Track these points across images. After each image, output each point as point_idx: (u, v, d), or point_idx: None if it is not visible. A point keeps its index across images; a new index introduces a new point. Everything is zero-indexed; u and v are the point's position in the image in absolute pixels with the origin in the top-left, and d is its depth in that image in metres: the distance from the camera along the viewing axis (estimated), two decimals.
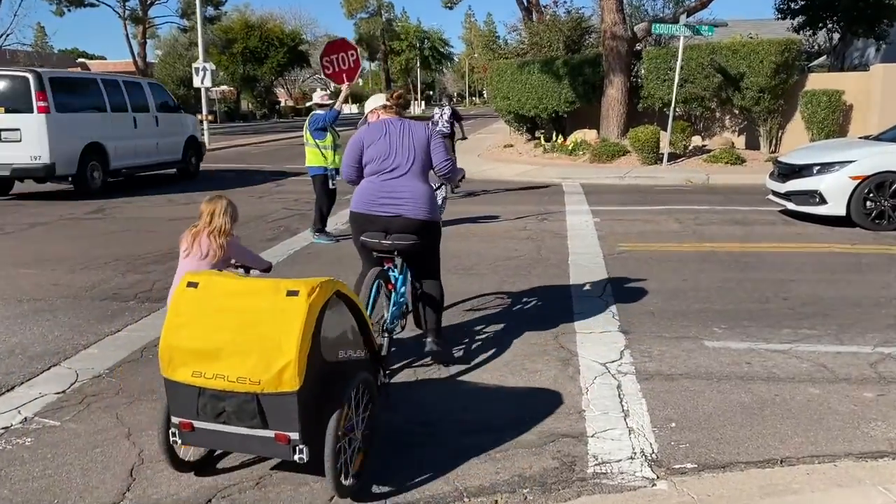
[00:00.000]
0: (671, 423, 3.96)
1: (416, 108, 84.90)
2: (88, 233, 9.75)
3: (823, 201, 9.14)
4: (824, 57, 23.66)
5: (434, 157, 4.78)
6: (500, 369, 4.75)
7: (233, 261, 4.39)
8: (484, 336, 5.40)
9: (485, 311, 6.04)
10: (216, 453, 3.60)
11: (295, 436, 3.04)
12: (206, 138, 27.22)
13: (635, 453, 3.62)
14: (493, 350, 5.10)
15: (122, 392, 4.45)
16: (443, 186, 5.61)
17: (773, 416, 4.03)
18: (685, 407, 4.16)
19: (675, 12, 19.03)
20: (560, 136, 21.04)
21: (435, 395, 4.40)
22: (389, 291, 4.70)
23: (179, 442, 3.25)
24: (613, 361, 4.86)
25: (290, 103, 79.38)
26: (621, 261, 7.69)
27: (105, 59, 75.76)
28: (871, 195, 8.94)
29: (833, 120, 16.82)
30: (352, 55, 9.74)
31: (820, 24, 19.47)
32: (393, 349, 4.67)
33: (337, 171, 8.96)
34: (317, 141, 8.76)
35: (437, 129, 13.71)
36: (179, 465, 3.44)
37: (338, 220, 9.96)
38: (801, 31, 20.04)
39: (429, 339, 4.81)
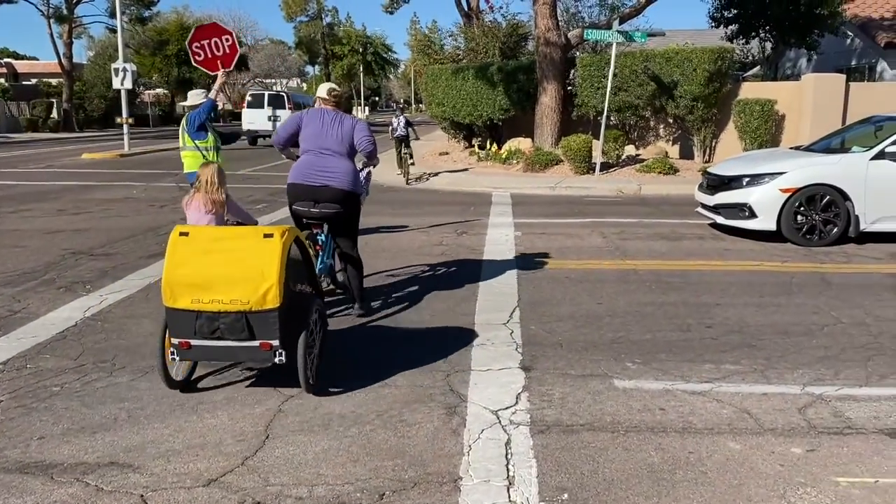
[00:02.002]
0: (563, 495, 3.24)
1: (360, 113, 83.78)
2: None
3: (753, 215, 8.64)
4: (758, 67, 23.62)
5: (356, 138, 5.68)
6: (372, 422, 3.97)
7: (227, 218, 5.24)
8: (362, 377, 4.61)
9: (371, 344, 5.26)
10: (193, 377, 4.54)
11: (276, 343, 4.05)
12: (125, 142, 25.93)
13: None
14: (369, 395, 4.32)
15: None
16: (368, 172, 6.54)
17: (685, 483, 3.35)
18: (583, 471, 3.45)
19: (609, 18, 18.60)
20: (495, 145, 20.45)
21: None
22: (317, 252, 5.73)
23: (178, 359, 4.20)
24: (507, 408, 4.13)
25: (229, 107, 77.40)
26: (536, 281, 7.00)
27: (37, 59, 72.52)
28: (802, 209, 8.47)
29: (766, 129, 16.58)
30: (227, 40, 8.81)
31: (753, 34, 19.27)
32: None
33: None
34: (196, 142, 7.79)
35: (397, 134, 17.03)
36: (171, 383, 4.32)
37: None
38: (735, 41, 19.84)
39: (356, 307, 5.91)
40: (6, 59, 67.24)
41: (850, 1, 19.24)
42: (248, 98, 32.78)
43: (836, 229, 8.46)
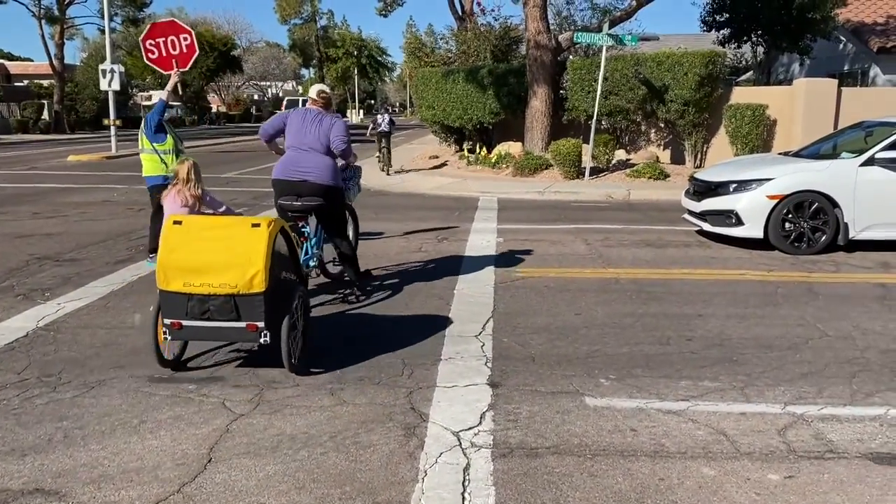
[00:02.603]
0: None
1: (355, 116, 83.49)
2: None
3: (740, 222, 8.42)
4: (752, 72, 23.46)
5: (331, 137, 6.05)
6: (324, 444, 3.72)
7: (205, 212, 5.54)
8: (318, 391, 4.36)
9: (331, 354, 5.01)
10: (183, 357, 4.81)
11: (261, 324, 4.33)
12: (113, 144, 25.63)
13: None
14: (325, 414, 4.08)
15: None
16: (355, 171, 6.85)
17: None
18: (544, 500, 3.21)
19: (600, 21, 18.41)
20: (485, 149, 20.23)
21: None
22: (302, 243, 6.11)
23: (169, 339, 4.46)
24: (470, 429, 3.89)
25: (224, 109, 77.08)
26: (514, 290, 6.77)
27: (32, 60, 72.11)
28: (790, 216, 8.25)
29: (757, 134, 16.38)
30: (185, 39, 8.54)
31: (745, 38, 19.09)
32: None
33: None
34: (154, 145, 7.53)
35: (381, 129, 18.68)
36: (163, 362, 4.61)
37: None
38: (727, 45, 19.66)
39: (348, 291, 6.50)
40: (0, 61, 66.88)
41: (842, 6, 19.05)
42: (285, 102, 42.82)
43: (824, 237, 8.24)
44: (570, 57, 19.69)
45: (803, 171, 8.40)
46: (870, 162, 8.17)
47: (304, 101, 34.80)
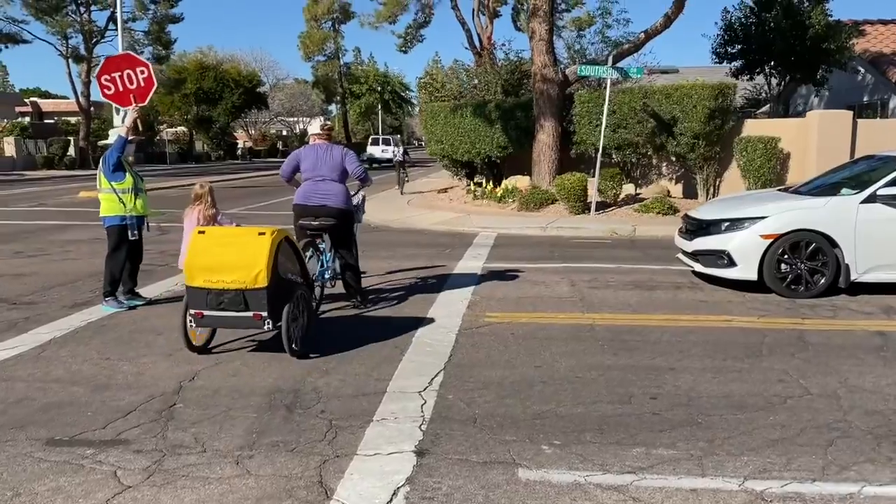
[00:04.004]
0: None
1: (378, 151, 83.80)
2: None
3: (732, 263, 7.89)
4: (770, 105, 22.90)
5: (349, 167, 7.13)
6: None
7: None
8: (223, 459, 3.94)
9: (252, 412, 4.59)
10: (209, 345, 5.87)
11: (264, 314, 5.33)
12: None
13: None
14: (220, 488, 3.65)
15: None
16: (362, 198, 7.74)
17: None
18: None
19: (608, 54, 18.06)
20: (491, 183, 19.92)
21: None
22: (319, 256, 7.06)
23: (194, 325, 5.54)
24: None
25: (250, 144, 77.91)
26: (478, 337, 6.32)
27: (67, 98, 73.94)
28: (786, 257, 7.71)
29: (770, 168, 15.81)
30: (142, 72, 8.34)
31: (758, 69, 18.60)
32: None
33: (140, 220, 7.48)
34: (113, 184, 7.26)
35: (396, 159, 25.56)
36: (192, 347, 5.67)
37: (165, 286, 8.54)
38: (740, 77, 19.18)
39: (354, 300, 7.36)
40: (32, 99, 68.55)
41: (859, 36, 18.52)
42: (371, 139, 54.06)
43: (823, 279, 7.68)
44: (579, 90, 19.34)
45: (799, 209, 7.88)
46: (872, 199, 7.62)
47: (384, 138, 41.67)
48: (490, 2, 37.06)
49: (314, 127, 7.29)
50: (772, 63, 18.09)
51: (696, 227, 8.42)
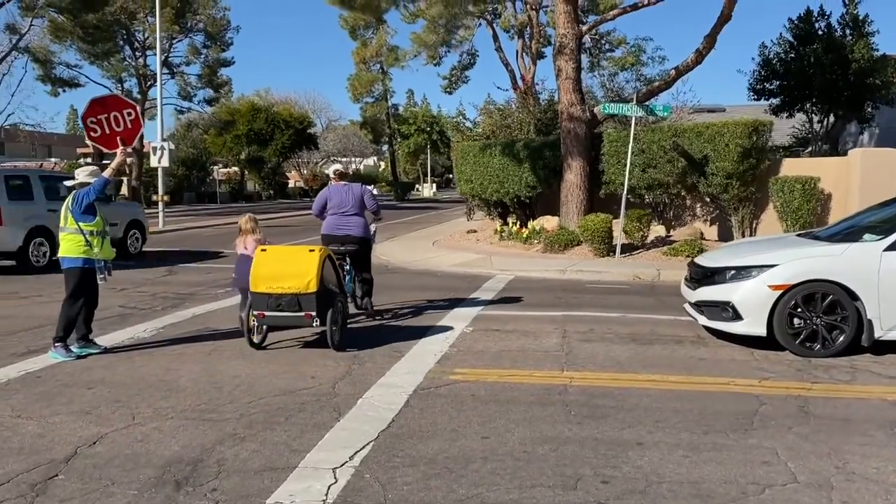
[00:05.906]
0: None
1: (427, 190, 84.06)
2: None
3: (737, 316, 7.05)
4: (812, 143, 21.80)
5: (367, 203, 8.72)
6: None
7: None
8: None
9: (134, 489, 4.01)
10: (264, 343, 7.26)
11: (314, 314, 6.81)
12: (160, 220, 25.97)
13: None
14: None
15: None
16: (375, 228, 9.15)
17: None
18: None
19: (637, 93, 17.38)
20: (518, 223, 19.30)
21: None
22: (344, 275, 8.18)
23: (257, 325, 7.12)
24: None
25: (300, 184, 79.11)
26: (432, 399, 5.65)
27: None
28: (799, 310, 6.85)
29: (809, 209, 14.78)
30: (129, 114, 8.06)
31: (798, 106, 17.64)
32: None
33: (106, 263, 7.12)
34: (81, 224, 6.93)
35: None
36: (252, 344, 7.10)
37: (132, 332, 8.14)
38: (779, 114, 18.23)
39: (367, 310, 8.89)
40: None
41: None
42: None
43: (843, 336, 6.78)
44: (608, 129, 18.68)
45: (814, 257, 7.03)
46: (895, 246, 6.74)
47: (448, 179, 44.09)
48: (533, 43, 36.93)
49: (330, 171, 9.13)
50: (813, 99, 17.08)
51: (701, 276, 7.63)
